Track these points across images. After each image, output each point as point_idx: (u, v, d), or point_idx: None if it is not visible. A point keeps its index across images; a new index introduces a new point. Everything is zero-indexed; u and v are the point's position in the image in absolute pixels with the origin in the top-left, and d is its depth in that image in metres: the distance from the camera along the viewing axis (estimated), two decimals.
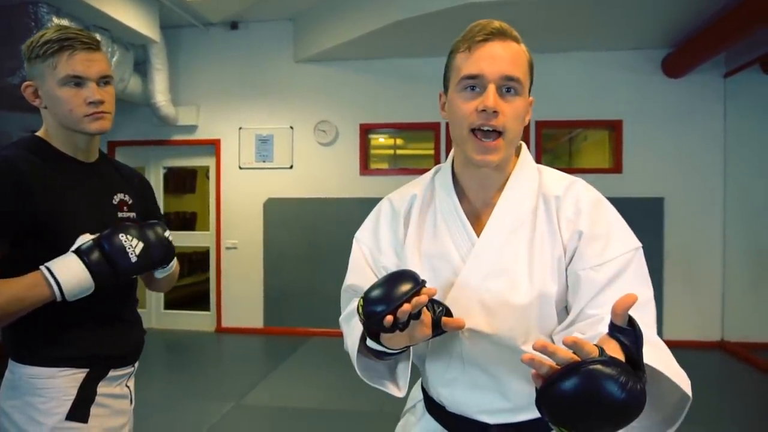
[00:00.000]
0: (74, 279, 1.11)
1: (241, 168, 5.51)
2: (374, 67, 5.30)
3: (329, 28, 4.99)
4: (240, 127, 5.49)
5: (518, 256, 0.98)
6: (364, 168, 5.39)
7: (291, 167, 5.44)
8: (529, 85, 0.99)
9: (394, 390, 0.99)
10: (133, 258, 1.17)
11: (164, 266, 1.31)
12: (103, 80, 1.23)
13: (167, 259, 1.29)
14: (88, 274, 1.12)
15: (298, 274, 5.41)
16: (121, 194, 1.36)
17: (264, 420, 3.43)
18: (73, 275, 1.11)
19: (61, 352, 1.20)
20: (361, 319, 0.87)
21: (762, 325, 4.78)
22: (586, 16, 4.25)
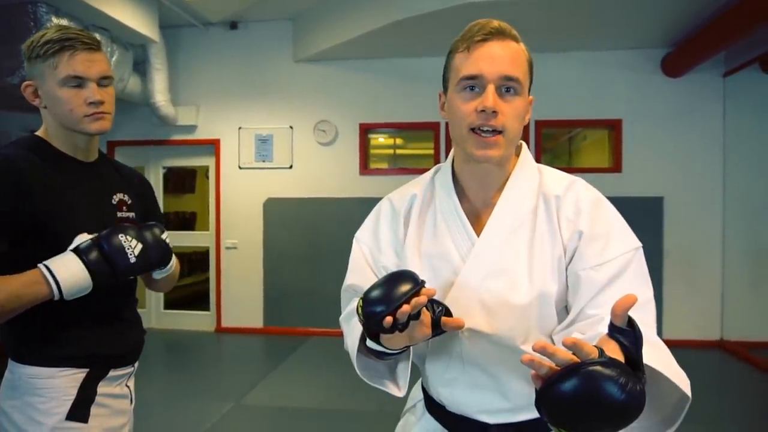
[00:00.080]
0: (73, 278, 1.11)
1: (240, 168, 5.51)
2: (374, 66, 5.30)
3: (329, 28, 4.99)
4: (239, 127, 5.48)
5: (518, 255, 0.98)
6: (364, 168, 5.39)
7: (291, 167, 5.44)
8: (529, 85, 0.99)
9: (394, 390, 0.99)
10: (132, 259, 1.17)
11: (162, 268, 1.31)
12: (103, 81, 1.23)
13: (164, 262, 1.29)
14: (87, 274, 1.12)
15: (298, 273, 5.41)
16: (121, 194, 1.36)
17: (264, 420, 3.43)
18: (72, 274, 1.11)
19: (61, 351, 1.20)
20: (361, 320, 0.87)
21: (761, 324, 4.78)
22: (585, 16, 4.25)
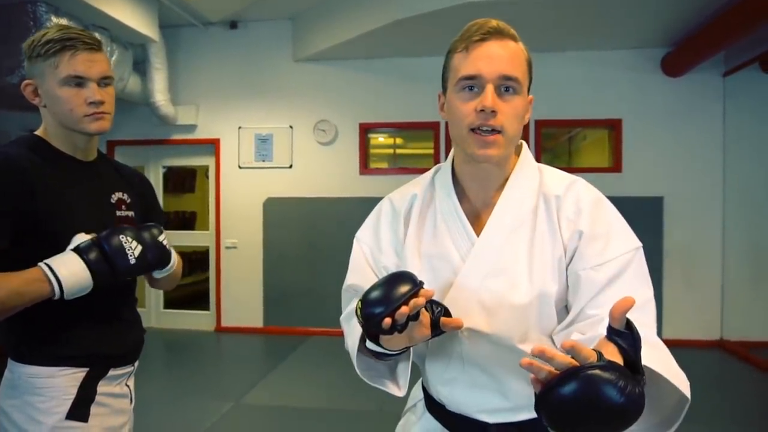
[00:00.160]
0: (74, 277, 1.11)
1: (240, 167, 5.50)
2: (374, 66, 5.30)
3: (328, 28, 4.99)
4: (239, 127, 5.48)
5: (518, 255, 0.97)
6: (364, 167, 5.38)
7: (290, 167, 5.44)
8: (528, 84, 0.98)
9: (394, 389, 0.99)
10: (132, 260, 1.18)
11: (160, 269, 1.31)
12: (103, 81, 1.24)
13: (162, 263, 1.29)
14: (88, 273, 1.12)
15: (298, 273, 5.41)
16: (119, 193, 1.36)
17: (263, 419, 3.43)
18: (73, 273, 1.11)
19: (61, 351, 1.20)
20: (360, 322, 0.87)
21: (761, 324, 4.78)
22: (585, 15, 4.25)
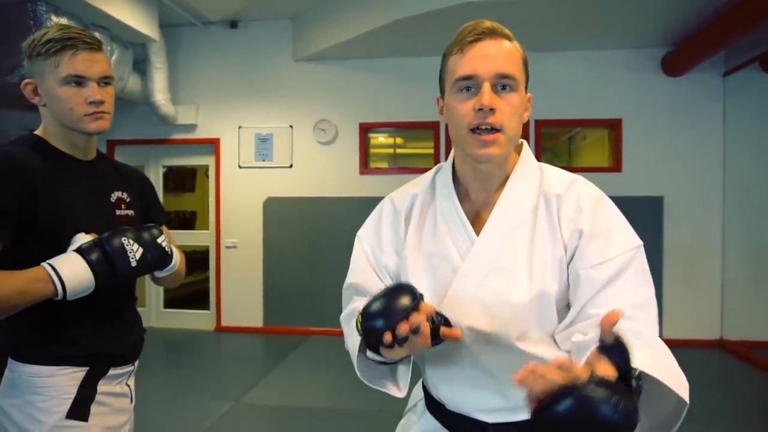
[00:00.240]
0: (77, 277, 1.11)
1: (240, 167, 5.50)
2: (374, 66, 5.29)
3: (328, 27, 4.99)
4: (239, 126, 5.48)
5: (518, 254, 0.97)
6: (364, 167, 5.38)
7: (290, 166, 5.44)
8: (525, 82, 0.99)
9: (394, 391, 0.99)
10: (134, 262, 1.18)
11: (160, 269, 1.31)
12: (103, 80, 1.24)
13: (162, 264, 1.29)
14: (91, 274, 1.12)
15: (298, 272, 5.41)
16: (119, 192, 1.36)
17: (263, 419, 3.43)
18: (76, 274, 1.11)
19: (61, 350, 1.20)
20: (360, 335, 0.87)
21: (761, 323, 4.78)
22: (585, 15, 4.25)
